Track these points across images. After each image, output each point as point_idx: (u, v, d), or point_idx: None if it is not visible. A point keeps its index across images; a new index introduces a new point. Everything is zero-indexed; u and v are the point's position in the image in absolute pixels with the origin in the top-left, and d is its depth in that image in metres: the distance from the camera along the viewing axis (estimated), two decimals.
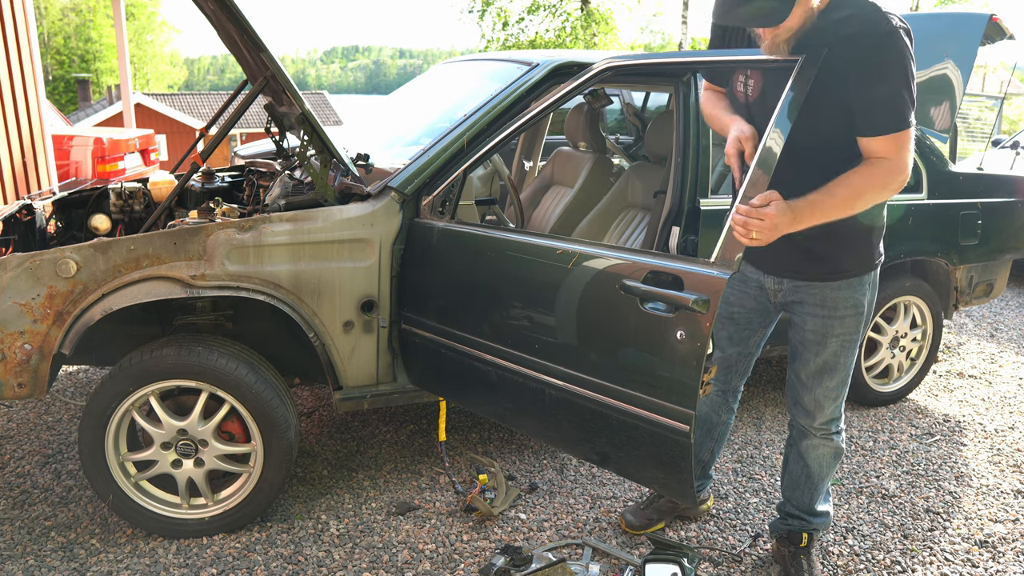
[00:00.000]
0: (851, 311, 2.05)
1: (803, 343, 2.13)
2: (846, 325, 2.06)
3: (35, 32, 5.68)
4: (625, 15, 19.65)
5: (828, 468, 2.25)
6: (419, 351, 2.51)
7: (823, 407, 2.16)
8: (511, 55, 3.05)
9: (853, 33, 1.77)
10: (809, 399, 2.17)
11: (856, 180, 1.78)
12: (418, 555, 2.38)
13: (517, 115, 2.57)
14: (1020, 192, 3.77)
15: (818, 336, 2.08)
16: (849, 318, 2.06)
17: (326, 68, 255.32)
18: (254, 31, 2.23)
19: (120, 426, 2.31)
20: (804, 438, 2.23)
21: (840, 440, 2.22)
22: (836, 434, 2.21)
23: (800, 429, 2.24)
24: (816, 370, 2.12)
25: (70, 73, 35.70)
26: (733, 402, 2.42)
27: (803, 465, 2.26)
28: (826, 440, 2.20)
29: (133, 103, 9.76)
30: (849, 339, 2.08)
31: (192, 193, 3.15)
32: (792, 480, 2.31)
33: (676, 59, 2.45)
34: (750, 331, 2.26)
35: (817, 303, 2.06)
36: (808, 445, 2.23)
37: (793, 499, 2.32)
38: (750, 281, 2.19)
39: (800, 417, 2.22)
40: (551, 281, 2.11)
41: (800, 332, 2.13)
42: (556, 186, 3.90)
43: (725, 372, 2.34)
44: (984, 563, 2.44)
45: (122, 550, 2.36)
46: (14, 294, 2.13)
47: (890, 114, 1.77)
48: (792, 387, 2.21)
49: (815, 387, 2.14)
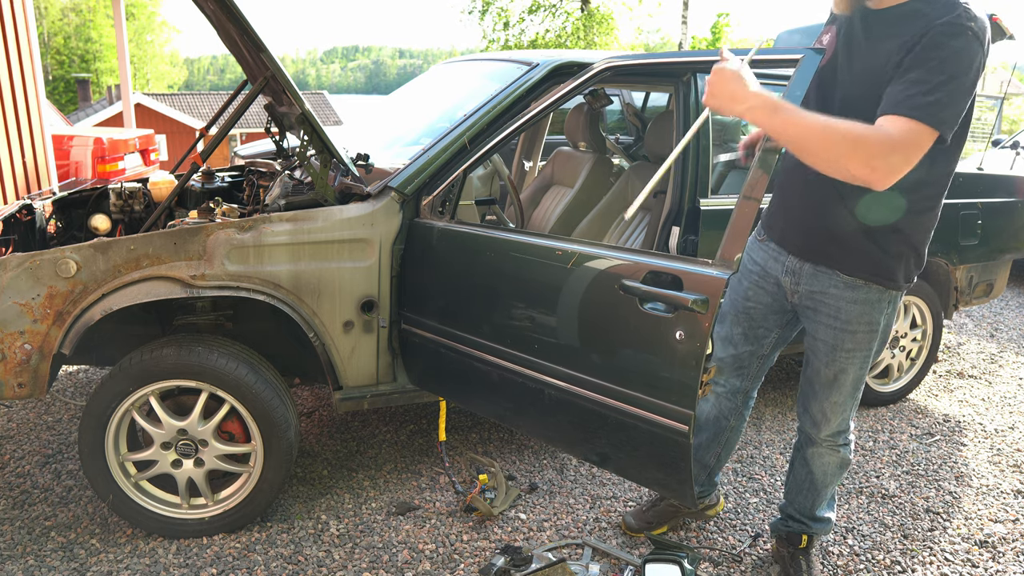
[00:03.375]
0: (864, 328, 1.98)
1: (814, 352, 2.09)
2: (858, 341, 2.00)
3: (35, 32, 5.68)
4: (626, 15, 19.63)
5: (833, 477, 2.23)
6: (419, 351, 2.51)
7: (829, 419, 2.13)
8: (511, 55, 3.05)
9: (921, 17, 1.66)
10: (816, 409, 2.14)
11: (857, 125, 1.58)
12: (418, 555, 2.38)
13: (517, 115, 2.57)
14: (1020, 192, 3.78)
15: (828, 348, 2.03)
16: (861, 334, 1.99)
17: (326, 68, 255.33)
18: (254, 31, 2.23)
19: (120, 426, 2.31)
20: (810, 445, 2.21)
21: (848, 452, 2.19)
22: (844, 445, 2.18)
23: (807, 436, 2.21)
24: (826, 381, 2.08)
25: (70, 73, 35.70)
26: (744, 409, 2.33)
27: (807, 471, 2.24)
28: (832, 450, 2.18)
29: (133, 103, 9.76)
30: (860, 355, 2.02)
31: (192, 193, 3.15)
32: (796, 484, 2.29)
33: (676, 59, 2.45)
34: (765, 329, 2.18)
35: (831, 314, 1.99)
36: (814, 453, 2.20)
37: (795, 503, 2.31)
38: (768, 277, 2.12)
39: (807, 425, 2.19)
40: (551, 281, 2.11)
41: (812, 341, 2.08)
42: (556, 186, 3.90)
43: (737, 372, 2.25)
44: (984, 563, 2.44)
45: (122, 550, 2.36)
46: (14, 294, 2.13)
47: (915, 98, 1.59)
48: (803, 393, 2.18)
49: (823, 398, 2.11)
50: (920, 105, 1.59)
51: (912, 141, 1.58)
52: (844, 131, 1.58)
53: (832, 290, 1.97)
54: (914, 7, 1.72)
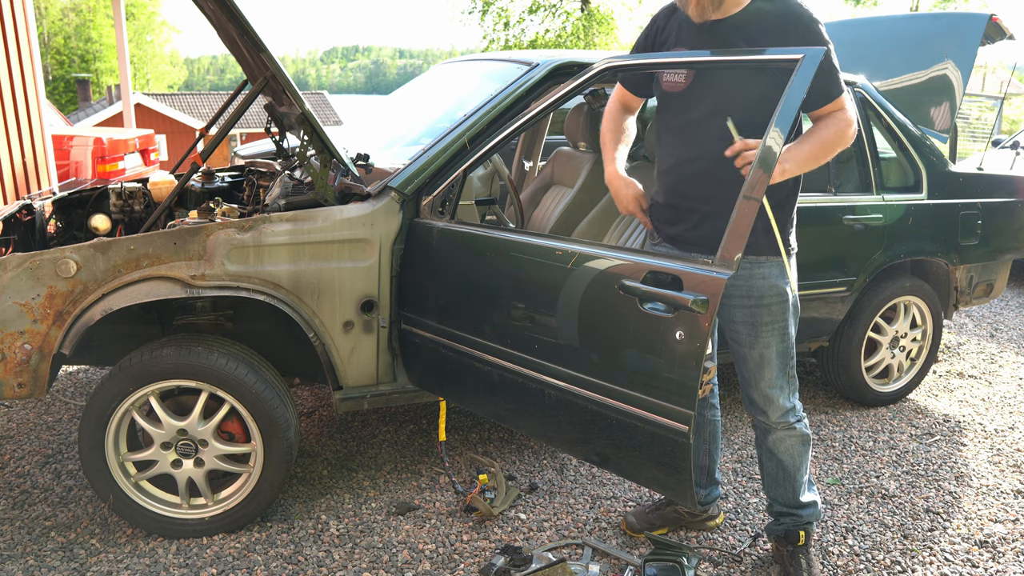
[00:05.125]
0: (776, 299, 2.09)
1: (736, 340, 2.17)
2: (773, 313, 2.10)
3: (35, 32, 5.68)
4: (626, 15, 19.64)
5: (801, 457, 2.25)
6: (419, 351, 2.51)
7: (772, 400, 2.17)
8: (511, 55, 3.05)
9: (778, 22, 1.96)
10: (757, 395, 2.19)
11: (823, 131, 1.97)
12: (418, 555, 2.38)
13: (517, 115, 2.57)
14: (1020, 192, 3.78)
15: (748, 327, 2.12)
16: (775, 305, 2.10)
17: (326, 68, 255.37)
18: (254, 31, 2.23)
19: (120, 426, 2.31)
20: (768, 434, 2.24)
21: (803, 427, 2.23)
22: (798, 422, 2.21)
23: (761, 426, 2.25)
24: (754, 365, 2.15)
25: (70, 73, 35.71)
26: (713, 398, 2.43)
27: (776, 461, 2.26)
28: (789, 431, 2.21)
29: (133, 103, 9.76)
30: (778, 327, 2.11)
31: (192, 193, 3.15)
32: (771, 478, 2.31)
33: (676, 59, 2.45)
34: None
35: (743, 294, 2.11)
36: (774, 440, 2.23)
37: (777, 497, 2.32)
38: None
39: (756, 414, 2.24)
40: (551, 281, 2.11)
41: (732, 327, 2.17)
42: (556, 186, 3.90)
43: None
44: (984, 563, 2.44)
45: (122, 550, 2.36)
46: (14, 294, 2.13)
47: (832, 82, 1.97)
48: (741, 386, 2.24)
49: (758, 380, 2.17)
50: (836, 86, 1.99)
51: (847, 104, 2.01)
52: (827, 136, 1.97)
53: (739, 272, 2.10)
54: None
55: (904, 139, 3.42)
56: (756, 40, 1.97)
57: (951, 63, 3.56)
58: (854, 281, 3.27)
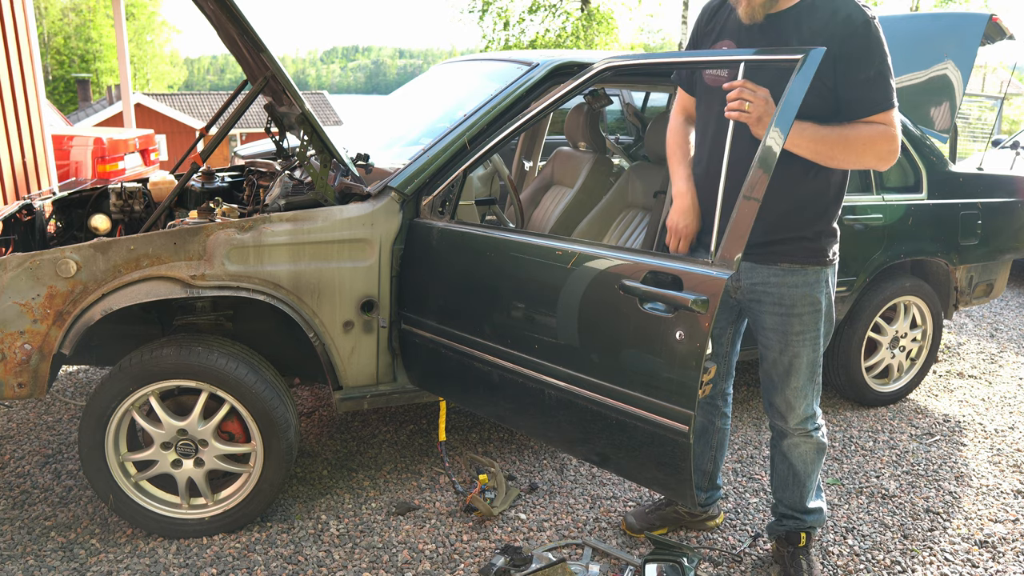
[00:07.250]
0: (808, 308, 2.07)
1: (766, 344, 2.15)
2: (804, 323, 2.08)
3: (35, 32, 5.68)
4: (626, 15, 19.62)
5: (813, 465, 2.25)
6: (419, 351, 2.51)
7: (794, 407, 2.17)
8: (511, 55, 3.04)
9: (833, 24, 1.88)
10: (780, 400, 2.18)
11: (853, 129, 1.89)
12: (418, 555, 2.38)
13: (517, 115, 2.57)
14: (1020, 192, 3.78)
15: (779, 335, 2.11)
16: (807, 315, 2.08)
17: (326, 68, 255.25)
18: (254, 31, 2.23)
19: (120, 426, 2.31)
20: (784, 438, 2.24)
21: (820, 435, 2.23)
22: (815, 430, 2.21)
23: (779, 430, 2.25)
24: (782, 370, 2.14)
25: (70, 73, 35.69)
26: (724, 406, 2.42)
27: (788, 465, 2.26)
28: (806, 438, 2.21)
29: (133, 103, 9.76)
30: (810, 336, 2.10)
31: (192, 193, 3.15)
32: (780, 480, 2.31)
33: (676, 59, 2.45)
34: (720, 328, 2.28)
35: (775, 301, 2.08)
36: (789, 444, 2.23)
37: (784, 499, 2.32)
38: None
39: (775, 418, 2.23)
40: (551, 281, 2.11)
41: (762, 332, 2.15)
42: (556, 186, 3.90)
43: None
44: (984, 563, 2.44)
45: (122, 550, 2.36)
46: (14, 294, 2.13)
47: (881, 93, 1.89)
48: (764, 389, 2.23)
49: (783, 387, 2.16)
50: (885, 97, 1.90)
51: (895, 123, 1.91)
52: (861, 135, 1.88)
53: (772, 279, 2.08)
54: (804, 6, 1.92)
55: (904, 139, 3.42)
56: (804, 37, 1.91)
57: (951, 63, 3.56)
58: (854, 281, 3.28)
